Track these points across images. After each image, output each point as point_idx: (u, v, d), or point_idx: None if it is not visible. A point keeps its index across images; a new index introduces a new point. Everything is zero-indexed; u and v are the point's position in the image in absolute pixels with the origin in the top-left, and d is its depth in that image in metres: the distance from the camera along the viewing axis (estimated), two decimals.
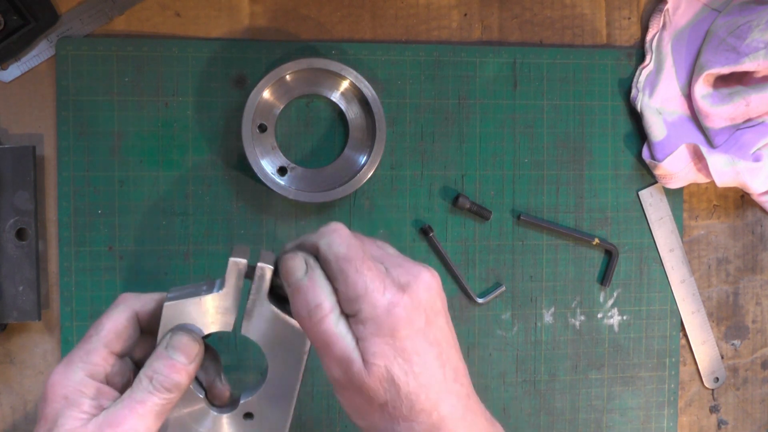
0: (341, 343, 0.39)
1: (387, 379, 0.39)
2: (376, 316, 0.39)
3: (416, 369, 0.39)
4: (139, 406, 0.40)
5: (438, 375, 0.40)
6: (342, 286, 0.39)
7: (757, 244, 0.68)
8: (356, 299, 0.39)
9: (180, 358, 0.41)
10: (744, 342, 0.68)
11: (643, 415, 0.66)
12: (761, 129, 0.63)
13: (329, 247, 0.40)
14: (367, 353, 0.39)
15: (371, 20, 0.62)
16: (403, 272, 0.40)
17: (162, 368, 0.40)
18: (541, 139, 0.64)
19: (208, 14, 0.60)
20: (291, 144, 0.60)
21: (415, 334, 0.39)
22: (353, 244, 0.40)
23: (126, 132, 0.59)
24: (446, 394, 0.40)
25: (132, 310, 0.42)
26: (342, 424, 0.62)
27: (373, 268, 0.40)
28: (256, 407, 0.44)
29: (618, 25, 0.65)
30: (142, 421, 0.40)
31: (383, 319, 0.39)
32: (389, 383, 0.39)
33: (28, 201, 0.56)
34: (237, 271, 0.41)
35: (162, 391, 0.40)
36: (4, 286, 0.56)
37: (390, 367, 0.39)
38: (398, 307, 0.39)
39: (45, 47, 0.58)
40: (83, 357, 0.41)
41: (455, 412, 0.40)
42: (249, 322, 0.42)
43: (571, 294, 0.65)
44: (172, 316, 0.41)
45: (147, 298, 0.43)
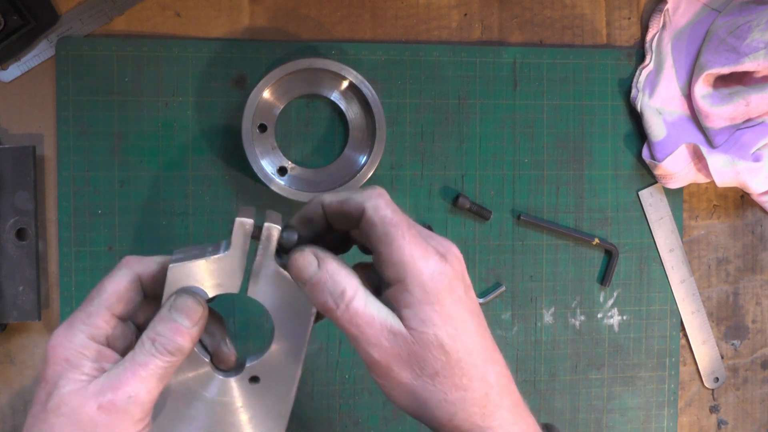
0: (379, 319, 0.39)
1: (437, 346, 0.38)
2: (423, 283, 0.38)
3: (463, 337, 0.39)
4: (141, 369, 0.39)
5: (481, 343, 0.40)
6: (386, 249, 0.39)
7: (757, 244, 0.68)
8: (401, 265, 0.38)
9: (184, 321, 0.40)
10: (744, 342, 0.68)
11: (643, 415, 0.66)
12: (761, 129, 0.63)
13: (376, 210, 0.39)
14: (413, 321, 0.38)
15: (371, 20, 0.62)
16: (438, 243, 0.40)
17: (165, 331, 0.39)
18: (541, 139, 0.64)
19: (208, 14, 0.60)
20: (291, 144, 0.60)
21: (459, 302, 0.39)
22: (397, 210, 0.40)
23: (126, 132, 0.59)
24: (491, 363, 0.40)
25: (134, 272, 0.41)
26: (342, 424, 0.62)
27: (417, 235, 0.39)
28: (262, 370, 0.43)
29: (618, 25, 0.65)
30: (144, 384, 0.39)
31: (429, 286, 0.38)
32: (440, 351, 0.38)
33: (28, 201, 0.56)
34: (243, 232, 0.40)
35: (165, 354, 0.39)
36: (4, 286, 0.56)
37: (439, 335, 0.38)
38: (443, 274, 0.38)
39: (45, 47, 0.58)
40: (84, 319, 0.40)
41: (501, 381, 0.40)
42: (255, 284, 0.41)
43: (571, 294, 0.65)
44: (177, 279, 0.40)
45: (150, 261, 0.42)
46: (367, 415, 0.62)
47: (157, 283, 0.42)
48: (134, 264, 0.42)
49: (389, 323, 0.38)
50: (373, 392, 0.62)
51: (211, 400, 0.43)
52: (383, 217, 0.39)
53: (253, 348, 0.61)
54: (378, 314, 0.39)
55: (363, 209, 0.40)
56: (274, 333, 0.42)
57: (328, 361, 0.62)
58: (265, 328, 0.60)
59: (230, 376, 0.43)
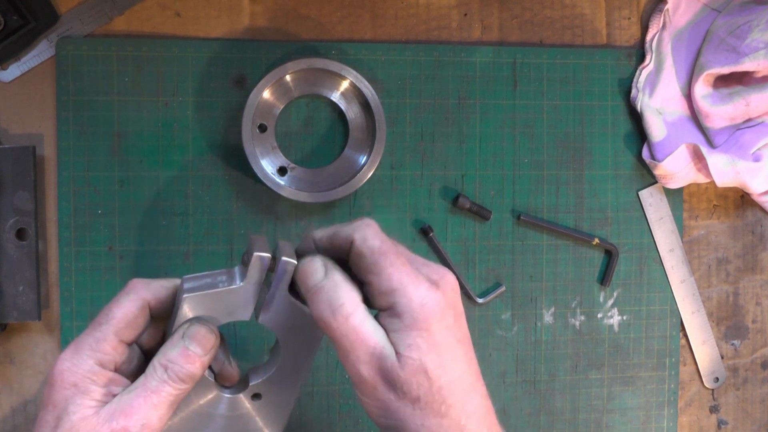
0: (372, 338, 0.39)
1: (421, 372, 0.39)
2: (412, 309, 0.39)
3: (447, 364, 0.39)
4: (153, 396, 0.40)
5: (466, 372, 0.40)
6: (376, 279, 0.40)
7: (757, 244, 0.68)
8: (391, 292, 0.39)
9: (196, 349, 0.41)
10: (744, 342, 0.68)
11: (643, 415, 0.66)
12: (761, 129, 0.63)
13: (364, 240, 0.40)
14: (401, 346, 0.39)
15: (371, 20, 0.62)
16: (431, 271, 0.41)
17: (177, 358, 0.40)
18: (541, 139, 0.64)
19: (208, 14, 0.60)
20: (291, 144, 0.60)
21: (447, 330, 0.40)
22: (386, 239, 0.40)
23: (126, 132, 0.59)
24: (473, 392, 0.41)
25: (143, 299, 0.42)
26: (342, 423, 0.62)
27: (407, 263, 0.40)
28: (266, 389, 0.44)
29: (618, 25, 0.65)
30: (156, 411, 0.40)
31: (418, 312, 0.39)
32: (423, 376, 0.39)
33: (28, 201, 0.56)
34: (261, 266, 0.41)
35: (176, 381, 0.40)
36: (4, 286, 0.56)
37: (424, 361, 0.39)
38: (432, 301, 0.39)
39: (45, 47, 0.58)
40: (93, 345, 0.41)
41: (479, 411, 0.41)
42: (266, 312, 0.42)
43: (571, 294, 0.65)
44: (190, 307, 0.41)
45: (158, 287, 0.43)
46: (367, 415, 0.62)
47: (164, 307, 0.43)
48: (141, 289, 0.42)
49: (381, 345, 0.39)
50: None
51: (220, 416, 0.44)
52: (371, 247, 0.40)
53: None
54: (373, 334, 0.39)
55: (352, 241, 0.40)
56: (280, 354, 0.44)
57: (328, 361, 0.62)
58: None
59: (233, 393, 0.44)
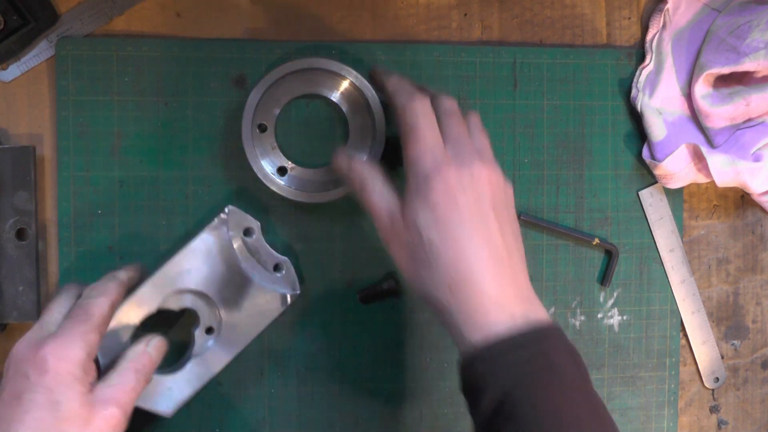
0: (385, 204, 0.49)
1: (414, 227, 0.47)
2: (417, 180, 0.47)
3: (440, 228, 0.46)
4: (132, 391, 0.50)
5: (461, 233, 0.46)
6: (403, 148, 0.50)
7: (757, 244, 0.68)
8: (407, 162, 0.49)
9: (157, 356, 0.53)
10: (744, 342, 0.68)
11: (643, 415, 0.66)
12: (761, 129, 0.63)
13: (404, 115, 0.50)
14: (407, 207, 0.47)
15: (371, 20, 0.62)
16: (458, 154, 0.48)
17: (147, 364, 0.52)
18: (541, 139, 0.64)
19: (208, 14, 0.60)
20: (291, 144, 0.60)
21: (447, 202, 0.46)
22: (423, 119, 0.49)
23: (126, 132, 0.59)
24: (470, 255, 0.46)
25: (112, 300, 0.51)
26: (342, 423, 0.62)
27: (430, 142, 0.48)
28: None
29: (618, 25, 0.65)
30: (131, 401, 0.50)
31: (421, 184, 0.47)
32: (416, 232, 0.47)
33: (28, 201, 0.56)
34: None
35: (145, 380, 0.51)
36: (4, 286, 0.56)
37: (417, 218, 0.47)
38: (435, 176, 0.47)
39: (45, 47, 0.58)
40: (83, 337, 0.48)
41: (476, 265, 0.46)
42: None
43: (571, 294, 0.65)
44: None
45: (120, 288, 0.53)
46: (367, 415, 0.62)
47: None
48: (111, 292, 0.52)
49: (390, 208, 0.49)
50: (372, 392, 0.62)
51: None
52: (403, 117, 0.50)
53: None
54: (385, 201, 0.49)
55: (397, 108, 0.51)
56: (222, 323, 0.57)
57: (328, 361, 0.62)
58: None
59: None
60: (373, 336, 0.62)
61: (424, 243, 0.46)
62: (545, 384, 0.44)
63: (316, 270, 0.61)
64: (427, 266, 0.47)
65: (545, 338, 0.45)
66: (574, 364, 0.46)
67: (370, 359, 0.62)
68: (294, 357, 0.61)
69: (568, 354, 0.46)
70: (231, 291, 0.56)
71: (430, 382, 0.63)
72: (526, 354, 0.44)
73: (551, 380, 0.44)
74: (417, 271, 0.47)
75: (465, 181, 0.47)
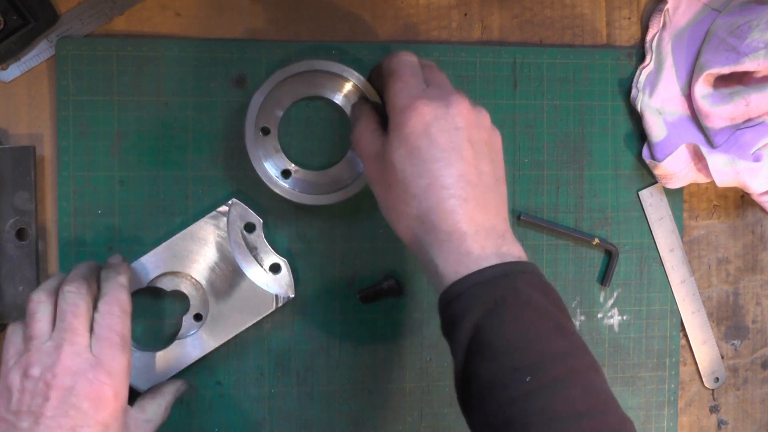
0: (370, 143, 0.50)
1: (391, 164, 0.47)
2: (394, 115, 0.48)
3: (413, 159, 0.46)
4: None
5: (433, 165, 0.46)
6: (384, 92, 0.50)
7: (757, 244, 0.68)
8: (387, 103, 0.49)
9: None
10: (744, 342, 0.68)
11: (643, 415, 0.66)
12: (761, 129, 0.63)
13: (387, 64, 0.51)
14: (387, 145, 0.48)
15: (371, 20, 0.62)
16: (438, 92, 0.48)
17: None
18: (541, 139, 0.64)
19: (208, 14, 0.60)
20: (294, 146, 0.60)
21: (420, 133, 0.46)
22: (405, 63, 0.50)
23: (126, 132, 0.59)
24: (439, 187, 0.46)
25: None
26: (342, 424, 0.62)
27: (410, 80, 0.49)
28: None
29: (618, 25, 0.65)
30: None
31: (397, 117, 0.47)
32: (392, 168, 0.47)
33: (28, 201, 0.56)
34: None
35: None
36: (4, 286, 0.56)
37: (394, 155, 0.47)
38: (410, 108, 0.47)
39: (45, 47, 0.58)
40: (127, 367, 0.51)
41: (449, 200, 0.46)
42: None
43: (571, 294, 0.65)
44: None
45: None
46: (367, 415, 0.62)
47: None
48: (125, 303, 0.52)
49: (376, 149, 0.49)
50: (372, 392, 0.62)
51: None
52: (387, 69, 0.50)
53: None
54: (371, 142, 0.50)
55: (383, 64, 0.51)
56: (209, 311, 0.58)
57: (328, 361, 0.62)
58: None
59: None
60: (373, 336, 0.62)
61: (398, 177, 0.47)
62: (514, 316, 0.43)
63: (316, 270, 0.61)
64: (402, 201, 0.47)
65: (517, 273, 0.45)
66: (547, 298, 0.45)
67: (370, 359, 0.62)
68: (294, 357, 0.61)
69: (540, 288, 0.46)
70: (222, 282, 0.57)
71: (430, 382, 0.63)
72: (496, 288, 0.44)
73: (520, 312, 0.44)
74: (395, 206, 0.48)
75: (440, 114, 0.47)
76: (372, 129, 0.51)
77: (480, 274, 0.44)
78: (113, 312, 0.50)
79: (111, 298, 0.50)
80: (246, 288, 0.57)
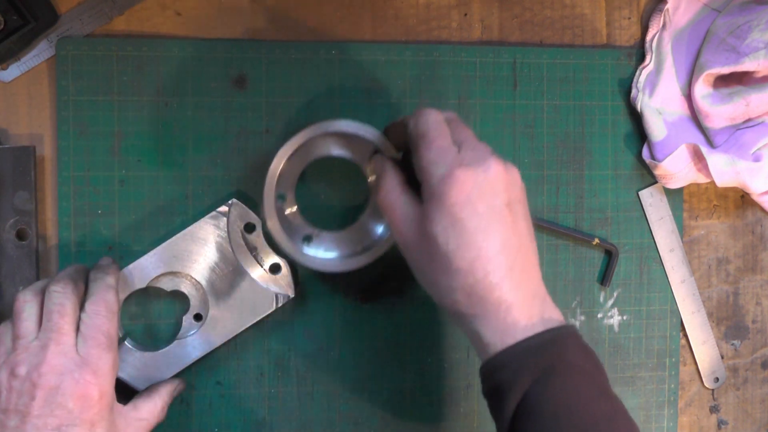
0: (402, 209, 0.48)
1: (432, 237, 0.46)
2: (431, 185, 0.46)
3: (457, 232, 0.45)
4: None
5: (477, 236, 0.45)
6: (415, 158, 0.48)
7: (757, 244, 0.68)
8: (420, 170, 0.47)
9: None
10: (744, 342, 0.68)
11: (643, 415, 0.66)
12: (761, 129, 0.63)
13: (414, 126, 0.49)
14: (424, 216, 0.46)
15: (371, 20, 0.62)
16: (472, 155, 0.47)
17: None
18: (541, 139, 0.64)
19: (208, 14, 0.60)
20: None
21: (463, 204, 0.45)
22: (434, 126, 0.48)
23: (126, 132, 0.59)
24: (486, 260, 0.45)
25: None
26: (342, 423, 0.62)
27: (443, 146, 0.47)
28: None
29: (618, 25, 0.65)
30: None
31: (436, 188, 0.46)
32: (433, 242, 0.46)
33: (28, 201, 0.56)
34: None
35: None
36: (4, 286, 0.56)
37: (435, 229, 0.46)
38: (450, 178, 0.45)
39: (45, 47, 0.58)
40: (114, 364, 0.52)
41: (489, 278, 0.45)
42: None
43: (571, 294, 0.65)
44: None
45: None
46: (367, 415, 0.62)
47: None
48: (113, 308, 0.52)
49: (408, 213, 0.48)
50: (373, 392, 0.62)
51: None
52: (416, 132, 0.48)
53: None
54: (402, 205, 0.48)
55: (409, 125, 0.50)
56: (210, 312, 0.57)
57: (328, 361, 0.62)
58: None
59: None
60: (373, 336, 0.62)
61: (440, 250, 0.45)
62: (562, 382, 0.44)
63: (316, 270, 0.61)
64: (444, 273, 0.46)
65: (561, 338, 0.46)
66: (589, 362, 0.46)
67: (370, 359, 0.62)
68: (294, 357, 0.61)
69: (583, 353, 0.46)
70: (222, 283, 0.57)
71: (430, 382, 0.63)
72: (545, 355, 0.45)
73: (567, 379, 0.44)
74: (436, 278, 0.47)
75: (480, 182, 0.46)
76: (399, 191, 0.49)
77: (527, 342, 0.45)
78: (100, 312, 0.50)
79: (98, 299, 0.51)
80: (246, 288, 0.57)
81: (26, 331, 0.49)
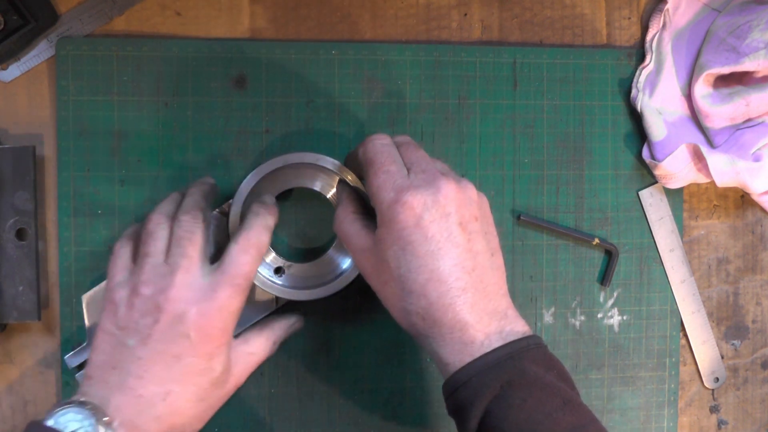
0: (356, 235, 0.49)
1: (384, 261, 0.46)
2: (382, 211, 0.46)
3: (408, 256, 0.45)
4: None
5: (429, 259, 0.45)
6: (366, 184, 0.49)
7: (757, 244, 0.68)
8: (371, 196, 0.48)
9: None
10: (744, 342, 0.68)
11: (643, 415, 0.66)
12: (761, 129, 0.63)
13: (363, 153, 0.49)
14: (377, 240, 0.47)
15: (371, 20, 0.62)
16: (422, 177, 0.47)
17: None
18: (541, 139, 0.64)
19: (208, 14, 0.60)
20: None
21: (412, 228, 0.45)
22: (381, 151, 0.48)
23: (126, 132, 0.59)
24: (438, 282, 0.45)
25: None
26: (342, 423, 0.62)
27: (391, 170, 0.47)
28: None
29: (618, 25, 0.65)
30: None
31: (385, 213, 0.46)
32: (386, 266, 0.46)
33: (28, 201, 0.56)
34: None
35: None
36: (4, 286, 0.56)
37: (387, 253, 0.46)
38: (397, 204, 0.45)
39: (45, 47, 0.58)
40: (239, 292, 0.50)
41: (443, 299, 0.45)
42: None
43: (571, 294, 0.65)
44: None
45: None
46: (367, 415, 0.62)
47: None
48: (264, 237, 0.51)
49: (362, 241, 0.48)
50: (373, 392, 0.62)
51: None
52: (365, 159, 0.49)
53: None
54: (356, 233, 0.49)
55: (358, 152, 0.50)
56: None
57: (328, 361, 0.62)
58: None
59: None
60: (373, 336, 0.62)
61: (393, 274, 0.46)
62: (522, 397, 0.44)
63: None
64: (399, 296, 0.46)
65: (520, 352, 0.45)
66: (551, 373, 0.45)
67: (370, 359, 0.62)
68: (294, 357, 0.61)
69: (545, 364, 0.46)
70: None
71: (430, 382, 0.63)
72: (503, 370, 0.44)
73: (527, 392, 0.44)
74: (393, 302, 0.47)
75: (429, 204, 0.45)
76: (352, 219, 0.50)
77: (484, 359, 0.44)
78: (249, 251, 0.49)
79: (253, 236, 0.49)
80: None
81: (157, 250, 0.47)
